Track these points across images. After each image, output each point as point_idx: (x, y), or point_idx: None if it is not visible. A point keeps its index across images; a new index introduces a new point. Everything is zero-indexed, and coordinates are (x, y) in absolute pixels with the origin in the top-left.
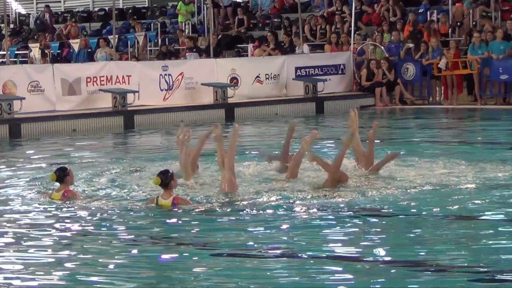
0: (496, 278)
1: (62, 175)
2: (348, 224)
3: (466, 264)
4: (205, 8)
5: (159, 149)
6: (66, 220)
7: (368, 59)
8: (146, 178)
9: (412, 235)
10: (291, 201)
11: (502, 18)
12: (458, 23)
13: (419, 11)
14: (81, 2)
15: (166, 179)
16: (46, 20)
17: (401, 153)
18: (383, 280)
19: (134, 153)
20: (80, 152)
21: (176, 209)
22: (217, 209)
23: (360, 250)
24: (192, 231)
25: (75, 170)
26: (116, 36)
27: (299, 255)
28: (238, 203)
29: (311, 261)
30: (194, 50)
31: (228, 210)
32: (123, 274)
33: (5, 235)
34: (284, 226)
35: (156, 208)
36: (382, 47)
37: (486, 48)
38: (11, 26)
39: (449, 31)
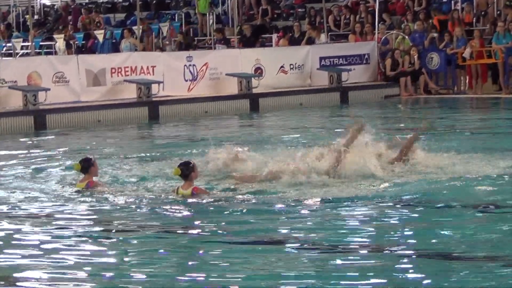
0: None
1: (87, 165)
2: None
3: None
4: None
5: (183, 140)
6: (89, 211)
7: (392, 48)
8: (169, 169)
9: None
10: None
11: None
12: (483, 12)
13: (443, 0)
14: None
15: (186, 170)
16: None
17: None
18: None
19: (159, 143)
20: (104, 143)
21: (196, 199)
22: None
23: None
24: (218, 222)
25: (99, 161)
26: (141, 26)
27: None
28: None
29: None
30: (222, 41)
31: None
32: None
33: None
34: (306, 217)
35: (176, 198)
36: (407, 37)
37: (510, 37)
38: (36, 17)
39: (474, 21)
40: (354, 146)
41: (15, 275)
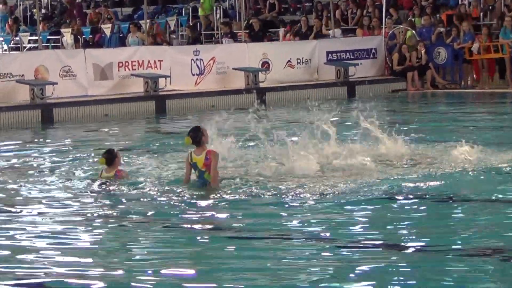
0: None
1: (111, 157)
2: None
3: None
4: None
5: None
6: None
7: (399, 43)
8: (176, 162)
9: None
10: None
11: None
12: (490, 7)
13: None
14: None
15: (196, 137)
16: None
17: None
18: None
19: (166, 137)
20: (111, 137)
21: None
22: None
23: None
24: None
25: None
26: (148, 21)
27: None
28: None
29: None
30: (229, 35)
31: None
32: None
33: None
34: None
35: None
36: (414, 32)
37: None
38: (43, 11)
39: (481, 15)
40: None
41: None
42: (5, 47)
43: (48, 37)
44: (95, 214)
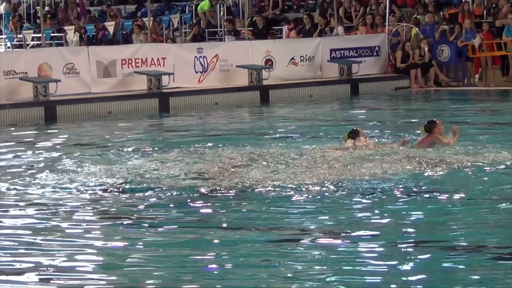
0: None
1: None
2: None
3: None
4: None
5: (194, 131)
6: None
7: (403, 40)
8: (180, 161)
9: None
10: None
11: None
12: (493, 5)
13: None
14: None
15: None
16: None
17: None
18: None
19: (170, 135)
20: (115, 135)
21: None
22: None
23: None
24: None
25: (110, 152)
26: (151, 18)
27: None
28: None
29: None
30: (233, 33)
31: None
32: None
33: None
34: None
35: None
36: (417, 29)
37: None
38: (47, 8)
39: (484, 13)
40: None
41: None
42: (9, 44)
43: (52, 34)
44: (98, 211)
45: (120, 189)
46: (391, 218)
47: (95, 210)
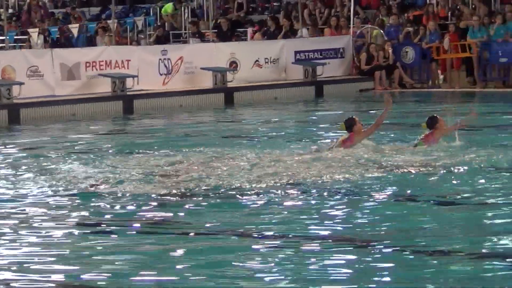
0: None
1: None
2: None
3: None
4: None
5: (158, 134)
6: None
7: (367, 42)
8: (146, 163)
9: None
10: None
11: (501, 2)
12: (458, 7)
13: None
14: None
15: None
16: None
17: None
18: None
19: (133, 137)
20: (79, 137)
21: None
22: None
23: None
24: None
25: (74, 155)
26: (115, 21)
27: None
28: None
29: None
30: (197, 35)
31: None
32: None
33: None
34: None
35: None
36: (382, 31)
37: (485, 32)
38: (10, 11)
39: (448, 15)
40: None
41: None
42: None
43: (15, 37)
44: (60, 216)
45: (83, 193)
46: (362, 220)
47: (58, 214)
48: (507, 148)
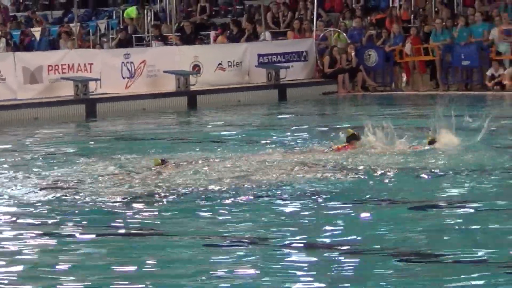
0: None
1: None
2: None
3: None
4: None
5: (121, 137)
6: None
7: (330, 45)
8: (109, 167)
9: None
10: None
11: (463, 4)
12: (420, 10)
13: None
14: None
15: None
16: None
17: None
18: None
19: (96, 141)
20: (41, 141)
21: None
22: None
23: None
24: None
25: (36, 160)
26: (78, 24)
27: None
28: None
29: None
30: (159, 38)
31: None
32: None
33: None
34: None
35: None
36: (345, 34)
37: (448, 35)
38: None
39: (411, 18)
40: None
41: None
42: None
43: None
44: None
45: (44, 197)
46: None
47: (16, 219)
48: (468, 150)
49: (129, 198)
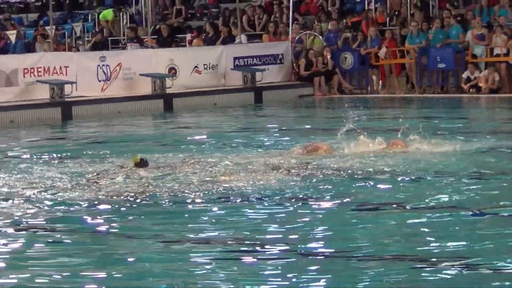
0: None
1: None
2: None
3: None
4: None
5: (97, 140)
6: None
7: (306, 48)
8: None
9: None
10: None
11: (439, 7)
12: (396, 12)
13: (357, 0)
14: None
15: None
16: None
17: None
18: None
19: (72, 144)
20: (17, 144)
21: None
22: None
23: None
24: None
25: (10, 163)
26: (53, 27)
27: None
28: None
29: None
30: (135, 40)
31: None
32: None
33: None
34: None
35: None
36: (321, 37)
37: (424, 37)
38: None
39: (387, 20)
40: None
41: None
42: None
43: None
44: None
45: (19, 199)
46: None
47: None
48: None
49: (101, 200)
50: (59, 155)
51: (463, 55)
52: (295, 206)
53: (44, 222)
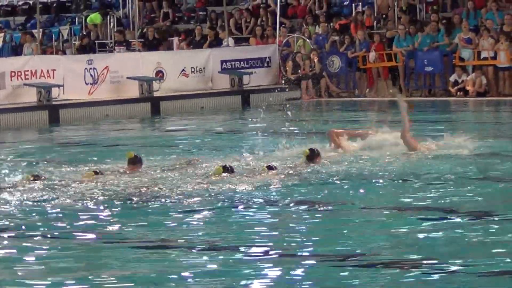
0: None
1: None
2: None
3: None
4: (130, 1)
5: (84, 144)
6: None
7: (293, 51)
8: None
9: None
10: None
11: (426, 11)
12: (383, 16)
13: (344, 3)
14: None
15: None
16: None
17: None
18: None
19: (60, 148)
20: (4, 147)
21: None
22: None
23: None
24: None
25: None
26: (41, 30)
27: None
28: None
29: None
30: (124, 44)
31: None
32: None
33: None
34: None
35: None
36: (309, 40)
37: (411, 41)
38: None
39: (374, 24)
40: None
41: None
42: None
43: None
44: None
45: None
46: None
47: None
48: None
49: (87, 204)
50: (46, 158)
51: (451, 58)
52: (285, 208)
53: (26, 227)
